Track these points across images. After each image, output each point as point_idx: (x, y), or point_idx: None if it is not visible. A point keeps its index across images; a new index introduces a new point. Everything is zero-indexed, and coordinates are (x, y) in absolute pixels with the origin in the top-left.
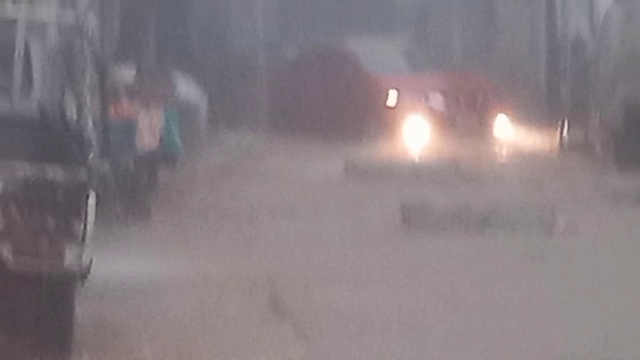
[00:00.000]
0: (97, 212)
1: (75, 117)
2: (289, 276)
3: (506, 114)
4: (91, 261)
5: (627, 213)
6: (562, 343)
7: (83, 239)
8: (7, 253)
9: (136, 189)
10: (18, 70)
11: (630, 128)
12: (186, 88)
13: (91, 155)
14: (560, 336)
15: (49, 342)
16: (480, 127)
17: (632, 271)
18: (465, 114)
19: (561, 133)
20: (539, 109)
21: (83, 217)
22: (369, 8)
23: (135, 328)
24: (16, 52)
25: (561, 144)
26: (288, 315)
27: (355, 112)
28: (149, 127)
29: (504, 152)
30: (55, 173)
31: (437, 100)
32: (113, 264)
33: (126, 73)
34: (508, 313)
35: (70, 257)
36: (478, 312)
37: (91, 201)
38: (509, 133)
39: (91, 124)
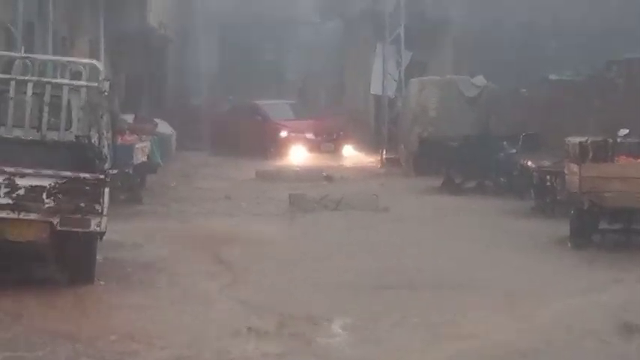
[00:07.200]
0: (110, 199)
1: (97, 143)
2: (224, 232)
3: (350, 143)
4: (106, 227)
5: (418, 199)
6: (383, 258)
7: (102, 214)
8: (56, 222)
9: (133, 185)
10: (63, 115)
11: (421, 152)
12: (163, 127)
13: (106, 165)
14: (381, 254)
15: (81, 273)
16: (335, 151)
17: (417, 227)
18: (326, 143)
19: (382, 154)
20: (369, 141)
21: (102, 201)
22: (272, 84)
23: (129, 264)
24: (63, 104)
25: (382, 160)
26: (223, 258)
27: (262, 141)
28: (141, 149)
29: (349, 165)
30: (85, 176)
31: (310, 134)
32: (119, 228)
33: (128, 118)
34: (354, 246)
35: (93, 224)
36: (336, 246)
37: (106, 192)
38: (352, 154)
39: (106, 147)
